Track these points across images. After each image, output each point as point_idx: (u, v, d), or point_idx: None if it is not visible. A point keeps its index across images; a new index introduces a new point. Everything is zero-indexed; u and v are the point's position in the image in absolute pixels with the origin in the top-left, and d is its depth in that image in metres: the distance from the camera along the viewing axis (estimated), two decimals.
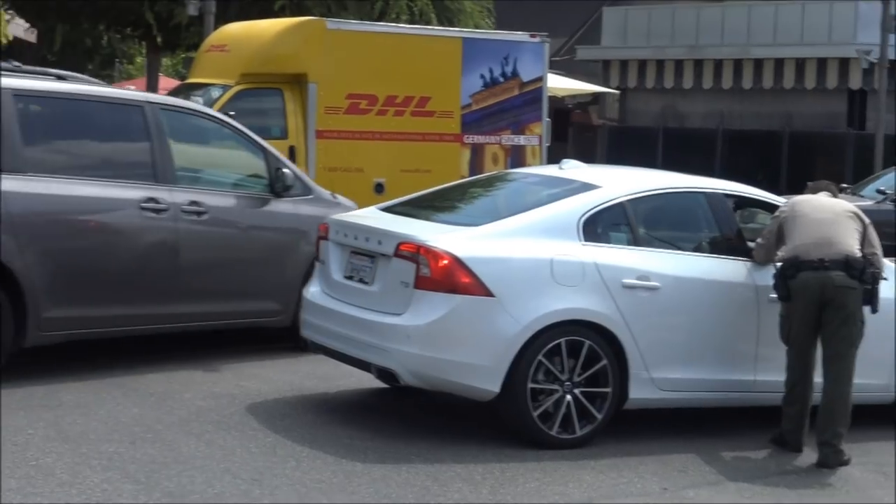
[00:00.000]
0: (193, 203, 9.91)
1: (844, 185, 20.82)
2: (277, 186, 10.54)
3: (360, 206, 10.49)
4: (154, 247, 9.71)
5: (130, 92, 10.82)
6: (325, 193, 11.18)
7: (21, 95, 9.18)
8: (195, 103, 11.01)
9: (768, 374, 8.67)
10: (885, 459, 8.54)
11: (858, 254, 8.25)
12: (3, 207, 8.83)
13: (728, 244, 8.88)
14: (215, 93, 17.57)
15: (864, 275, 8.20)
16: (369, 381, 9.15)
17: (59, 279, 9.13)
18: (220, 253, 10.15)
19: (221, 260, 10.12)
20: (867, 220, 8.56)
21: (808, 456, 8.37)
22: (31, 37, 32.13)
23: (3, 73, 9.31)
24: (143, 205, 9.61)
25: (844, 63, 32.96)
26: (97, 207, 9.47)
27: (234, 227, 10.30)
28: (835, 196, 8.81)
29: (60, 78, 9.84)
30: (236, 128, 10.79)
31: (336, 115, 17.71)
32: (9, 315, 8.90)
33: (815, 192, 8.83)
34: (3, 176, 8.93)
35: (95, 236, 9.44)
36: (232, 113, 16.96)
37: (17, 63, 9.83)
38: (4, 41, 21.39)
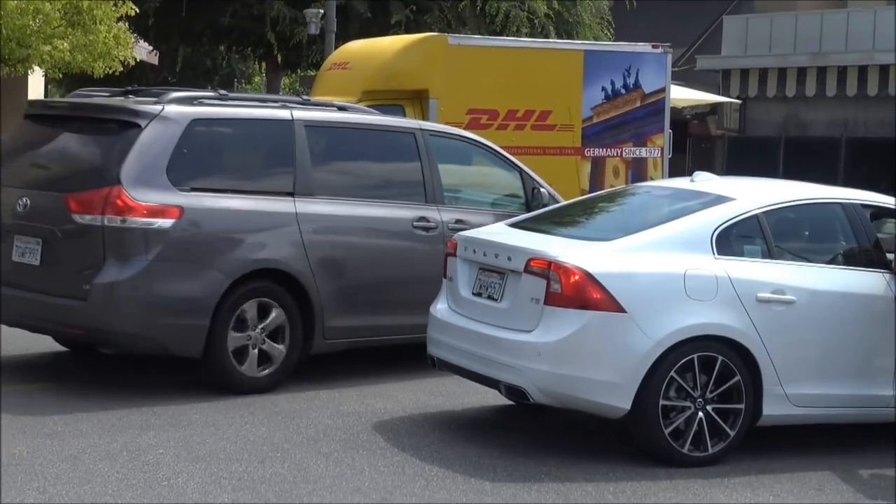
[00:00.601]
0: (458, 221, 10.65)
1: None
2: (533, 204, 11.17)
3: None
4: (422, 262, 10.38)
5: (403, 119, 11.86)
6: None
7: (310, 126, 10.06)
8: (452, 128, 12.03)
9: None
10: None
11: None
12: (297, 226, 9.70)
13: (866, 256, 8.64)
14: None
15: None
16: (494, 398, 9.09)
17: (341, 291, 9.95)
18: None
19: None
20: None
21: None
22: (154, 59, 32.66)
23: (293, 105, 10.26)
24: (415, 223, 10.51)
25: None
26: (375, 226, 10.30)
27: None
28: None
29: (341, 109, 10.80)
30: (495, 150, 11.61)
31: None
32: (298, 324, 9.69)
33: None
34: (296, 198, 9.77)
35: (373, 252, 10.23)
36: None
37: (305, 97, 10.96)
38: (131, 63, 21.76)
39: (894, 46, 32.79)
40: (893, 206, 9.10)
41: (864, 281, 8.50)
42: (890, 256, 8.62)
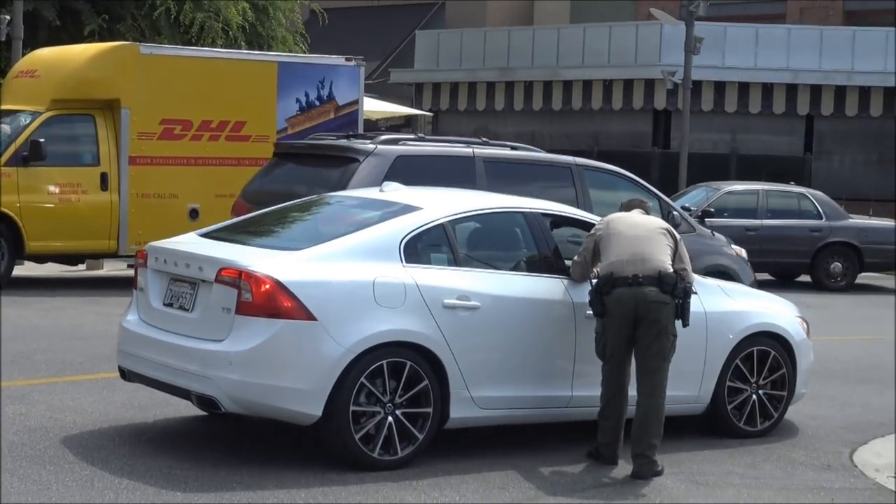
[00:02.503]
0: None
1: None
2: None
3: (175, 232, 10.39)
4: None
5: (561, 157, 13.87)
6: (706, 231, 14.45)
7: (487, 160, 12.54)
8: (601, 163, 14.20)
9: (585, 389, 8.82)
10: (696, 468, 8.78)
11: (670, 269, 8.48)
12: None
13: (546, 262, 9.02)
14: (24, 119, 17.23)
15: (675, 290, 8.44)
16: (187, 409, 9.05)
17: None
18: None
19: None
20: (678, 236, 8.80)
21: (624, 468, 8.54)
22: None
23: (475, 144, 12.85)
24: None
25: (650, 84, 33.85)
26: None
27: None
28: (647, 213, 9.05)
29: (513, 148, 13.29)
30: (637, 180, 13.85)
31: (149, 140, 17.54)
32: None
33: (628, 209, 9.06)
34: None
35: None
36: (42, 140, 16.71)
37: (485, 139, 13.21)
38: None
39: (578, 63, 34.08)
40: (571, 215, 9.55)
41: (544, 286, 8.87)
42: (568, 263, 9.03)
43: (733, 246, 14.91)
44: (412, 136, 12.77)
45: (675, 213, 13.81)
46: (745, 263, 14.80)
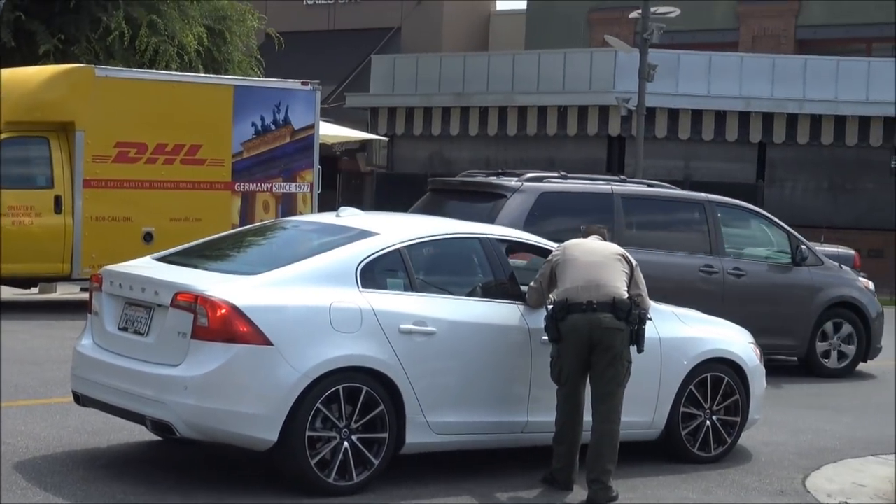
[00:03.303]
0: (736, 268, 14.28)
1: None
2: (797, 258, 14.72)
3: (129, 256, 10.35)
4: (706, 295, 13.43)
5: (694, 193, 14.93)
6: (833, 264, 15.29)
7: (625, 197, 13.63)
8: (732, 199, 15.10)
9: (540, 414, 8.85)
10: (650, 494, 8.82)
11: (625, 296, 8.54)
12: None
13: (502, 288, 9.05)
14: None
15: (630, 316, 8.49)
16: (141, 434, 9.00)
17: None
18: (756, 302, 13.99)
19: (757, 306, 13.64)
20: (635, 262, 8.87)
21: (579, 493, 8.56)
22: None
23: (614, 182, 13.90)
24: (702, 269, 13.90)
25: (604, 110, 33.98)
26: (671, 270, 13.48)
27: (765, 285, 14.47)
28: (605, 239, 9.11)
29: (649, 185, 14.32)
30: (767, 216, 15.07)
31: (104, 163, 17.48)
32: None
33: (586, 235, 9.12)
34: None
35: (670, 289, 12.07)
36: None
37: (623, 176, 14.46)
38: None
39: (533, 89, 34.20)
40: (528, 241, 9.59)
41: (500, 312, 8.90)
42: (524, 288, 9.07)
43: (860, 278, 15.66)
44: (556, 174, 13.75)
45: (803, 247, 14.72)
46: (872, 295, 15.50)
